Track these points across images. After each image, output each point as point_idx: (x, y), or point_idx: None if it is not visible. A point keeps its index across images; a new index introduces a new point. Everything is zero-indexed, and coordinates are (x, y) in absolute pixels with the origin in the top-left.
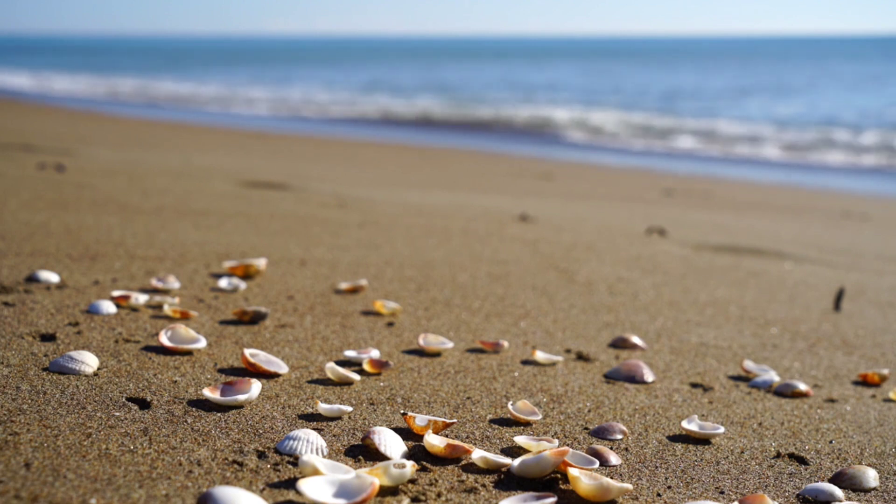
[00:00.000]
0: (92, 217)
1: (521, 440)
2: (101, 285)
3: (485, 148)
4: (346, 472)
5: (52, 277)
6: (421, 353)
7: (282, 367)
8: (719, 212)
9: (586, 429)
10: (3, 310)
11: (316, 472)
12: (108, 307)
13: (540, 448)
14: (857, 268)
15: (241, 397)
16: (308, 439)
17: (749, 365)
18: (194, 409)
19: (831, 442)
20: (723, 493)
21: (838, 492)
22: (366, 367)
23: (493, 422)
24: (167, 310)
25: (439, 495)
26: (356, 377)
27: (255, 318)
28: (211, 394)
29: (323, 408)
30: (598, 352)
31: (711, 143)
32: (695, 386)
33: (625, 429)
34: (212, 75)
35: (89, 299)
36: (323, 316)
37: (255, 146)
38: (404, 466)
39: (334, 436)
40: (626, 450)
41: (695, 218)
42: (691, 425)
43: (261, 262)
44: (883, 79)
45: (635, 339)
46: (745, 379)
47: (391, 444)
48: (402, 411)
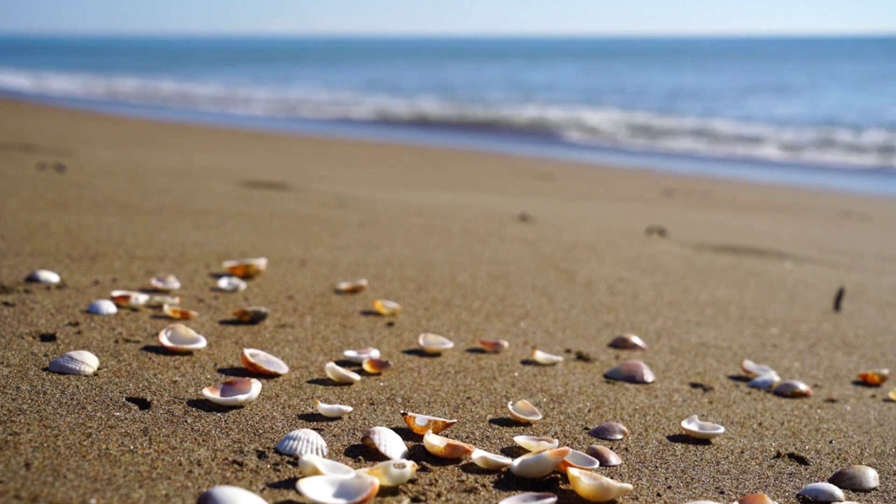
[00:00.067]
0: (92, 217)
1: (521, 440)
2: (101, 285)
3: (485, 148)
4: (346, 472)
5: (52, 277)
6: (421, 353)
7: (282, 367)
8: (719, 212)
9: (586, 429)
10: (3, 310)
11: (316, 472)
12: (108, 307)
13: (540, 448)
14: (857, 268)
15: (241, 397)
16: (308, 439)
17: (749, 365)
18: (194, 409)
19: (831, 442)
20: (723, 493)
21: (838, 492)
22: (366, 367)
23: (493, 422)
24: (167, 310)
25: (439, 495)
26: (356, 377)
27: (255, 318)
28: (211, 394)
29: (323, 408)
30: (598, 352)
31: (711, 143)
32: (695, 386)
33: (625, 429)
34: (212, 75)
35: (89, 299)
36: (323, 316)
37: (255, 146)
38: (404, 466)
39: (334, 436)
40: (626, 450)
41: (695, 218)
42: (691, 425)
43: (261, 262)
44: (883, 79)
45: (635, 339)
46: (745, 379)
47: (391, 444)
48: (402, 411)
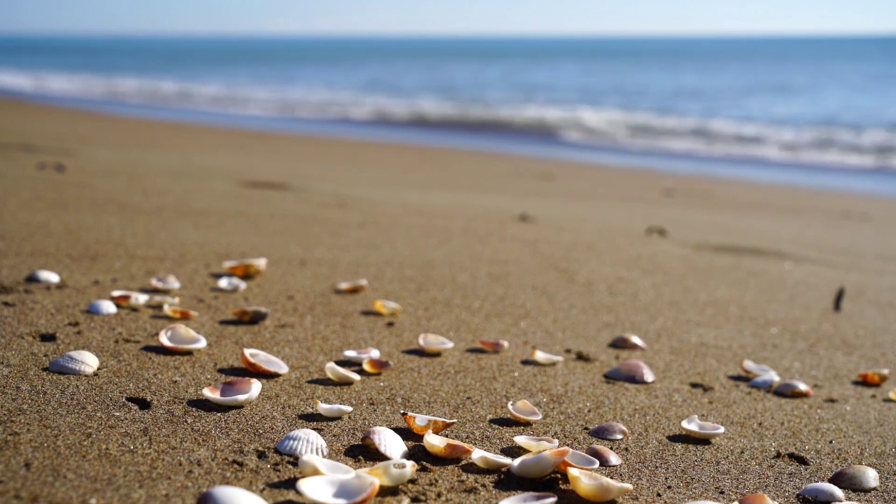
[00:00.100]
0: (92, 217)
1: (521, 440)
2: (101, 285)
3: (485, 148)
4: (346, 472)
5: (52, 277)
6: (421, 353)
7: (282, 367)
8: (719, 212)
9: (586, 429)
10: (3, 310)
11: (316, 472)
12: (108, 307)
13: (540, 448)
14: (857, 268)
15: (241, 397)
16: (308, 439)
17: (749, 365)
18: (194, 409)
19: (831, 442)
20: (723, 493)
21: (838, 492)
22: (366, 367)
23: (493, 422)
24: (167, 310)
25: (439, 495)
26: (356, 377)
27: (255, 318)
28: (211, 394)
29: (323, 408)
30: (598, 352)
31: (711, 143)
32: (695, 386)
33: (625, 429)
34: (212, 75)
35: (89, 299)
36: (323, 316)
37: (255, 146)
38: (404, 466)
39: (334, 436)
40: (626, 450)
41: (695, 218)
42: (691, 425)
43: (261, 262)
44: (883, 79)
45: (635, 339)
46: (745, 379)
47: (391, 444)
48: (402, 411)
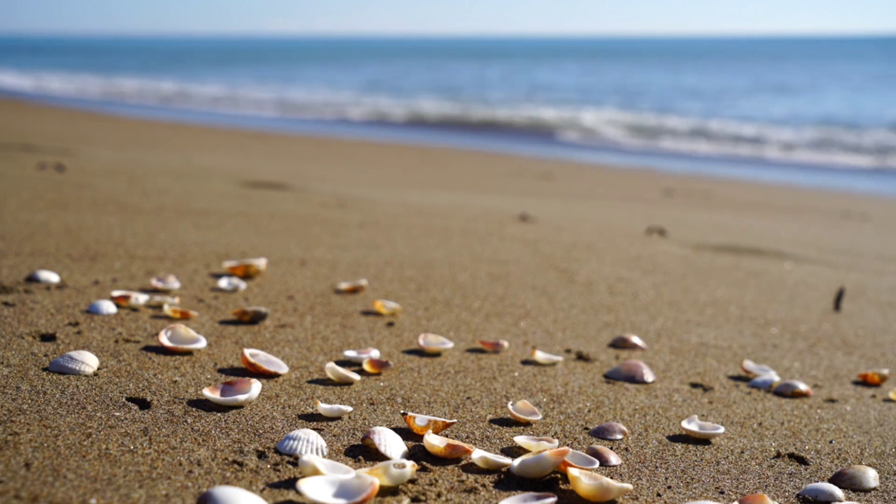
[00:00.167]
0: (92, 217)
1: (521, 440)
2: (101, 285)
3: (485, 148)
4: (346, 472)
5: (52, 277)
6: (421, 353)
7: (282, 367)
8: (719, 212)
9: (586, 429)
10: (3, 310)
11: (316, 472)
12: (108, 307)
13: (540, 448)
14: (857, 268)
15: (241, 397)
16: (308, 439)
17: (749, 365)
18: (194, 409)
19: (831, 442)
20: (723, 493)
21: (838, 492)
22: (366, 367)
23: (493, 422)
24: (167, 310)
25: (439, 495)
26: (356, 377)
27: (255, 318)
28: (211, 394)
29: (323, 408)
30: (598, 352)
31: (711, 143)
32: (695, 386)
33: (625, 429)
34: (212, 75)
35: (89, 299)
36: (323, 316)
37: (255, 146)
38: (404, 466)
39: (334, 436)
40: (626, 450)
41: (695, 218)
42: (691, 425)
43: (261, 262)
44: (883, 79)
45: (635, 339)
46: (745, 379)
47: (391, 444)
48: (402, 411)
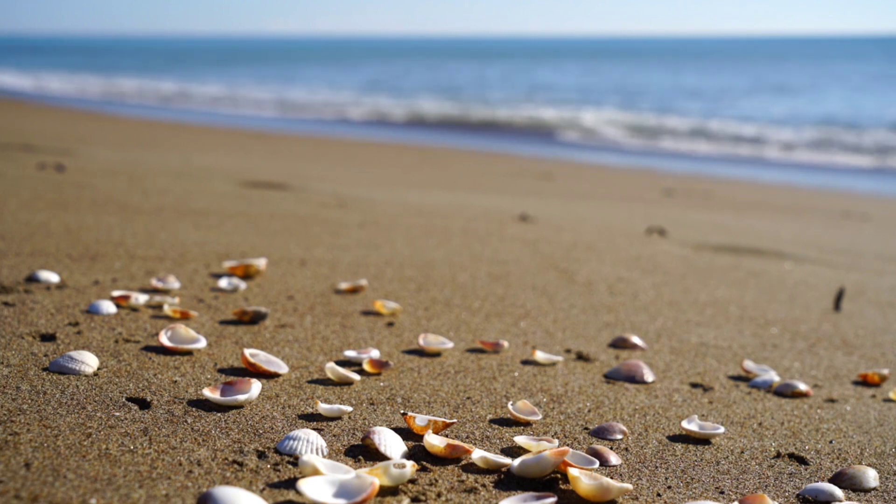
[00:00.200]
0: (92, 217)
1: (521, 440)
2: (101, 285)
3: (485, 148)
4: (346, 472)
5: (52, 277)
6: (421, 353)
7: (282, 367)
8: (719, 212)
9: (586, 429)
10: (3, 310)
11: (316, 472)
12: (108, 307)
13: (540, 448)
14: (857, 268)
15: (241, 397)
16: (308, 439)
17: (749, 365)
18: (194, 409)
19: (831, 442)
20: (723, 493)
21: (838, 492)
22: (366, 367)
23: (493, 422)
24: (167, 310)
25: (439, 495)
26: (356, 377)
27: (255, 318)
28: (211, 394)
29: (323, 408)
30: (598, 352)
31: (711, 143)
32: (695, 386)
33: (625, 429)
34: (212, 75)
35: (89, 299)
36: (323, 316)
37: (255, 146)
38: (404, 466)
39: (334, 436)
40: (626, 450)
41: (695, 218)
42: (691, 425)
43: (261, 262)
44: (883, 79)
45: (635, 339)
46: (745, 379)
47: (391, 444)
48: (402, 411)
